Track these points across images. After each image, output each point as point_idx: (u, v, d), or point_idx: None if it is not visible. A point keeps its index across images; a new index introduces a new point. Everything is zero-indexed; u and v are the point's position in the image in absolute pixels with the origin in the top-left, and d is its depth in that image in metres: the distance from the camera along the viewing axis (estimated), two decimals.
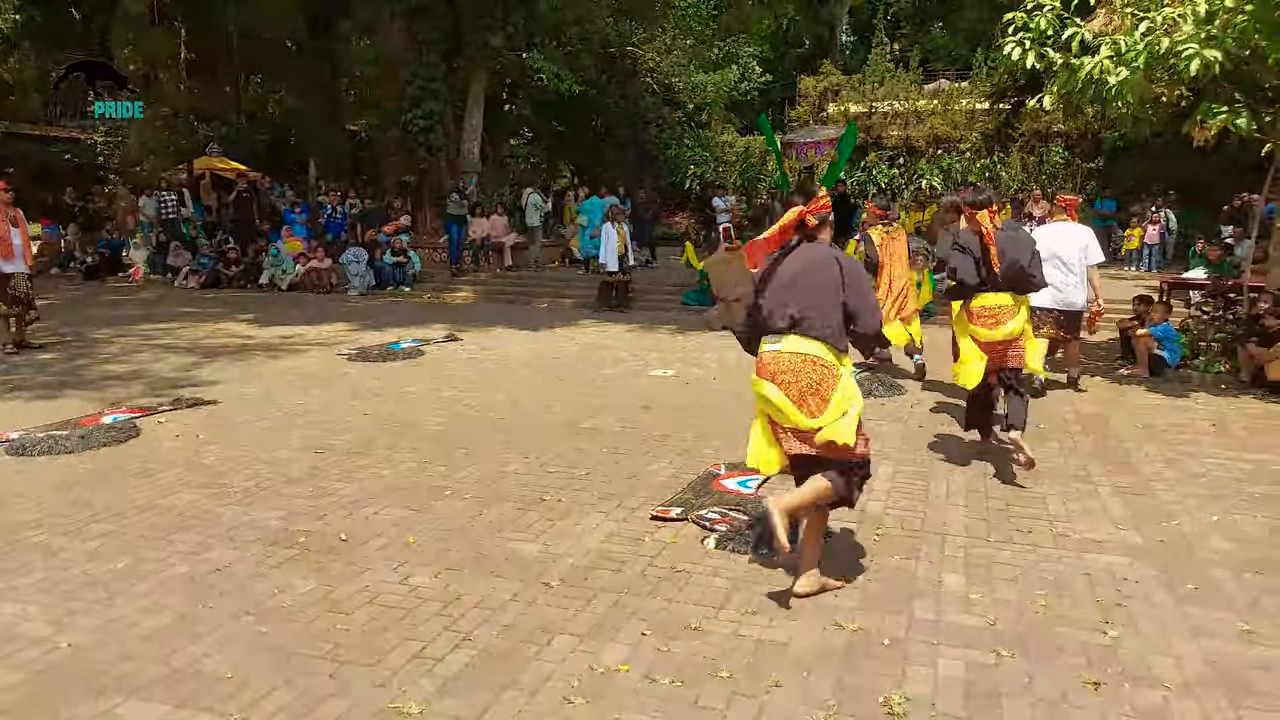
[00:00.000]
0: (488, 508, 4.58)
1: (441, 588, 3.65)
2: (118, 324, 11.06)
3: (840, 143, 14.12)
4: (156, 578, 3.72)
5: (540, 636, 3.24)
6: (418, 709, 2.78)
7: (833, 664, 3.05)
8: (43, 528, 4.28)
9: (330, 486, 4.91)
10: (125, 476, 5.08)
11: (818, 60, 29.64)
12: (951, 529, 4.29)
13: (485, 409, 6.74)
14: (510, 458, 5.46)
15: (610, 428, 6.20)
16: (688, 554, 3.99)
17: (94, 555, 3.96)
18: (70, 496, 4.73)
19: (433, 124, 16.13)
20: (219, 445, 5.72)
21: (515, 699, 2.84)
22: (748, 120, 28.74)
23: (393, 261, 14.94)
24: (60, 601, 3.51)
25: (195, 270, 15.51)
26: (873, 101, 23.77)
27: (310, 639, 3.21)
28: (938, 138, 23.04)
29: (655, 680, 2.94)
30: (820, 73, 25.53)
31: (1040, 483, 4.97)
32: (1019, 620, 3.36)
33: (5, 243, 8.94)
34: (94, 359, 8.78)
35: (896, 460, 5.43)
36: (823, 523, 3.65)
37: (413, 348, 9.39)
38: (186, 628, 3.29)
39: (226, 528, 4.28)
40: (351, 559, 3.93)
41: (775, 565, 3.73)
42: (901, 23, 36.21)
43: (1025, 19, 7.25)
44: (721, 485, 4.91)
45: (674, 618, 3.38)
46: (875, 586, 3.66)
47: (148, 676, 2.96)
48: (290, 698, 2.84)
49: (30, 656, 3.10)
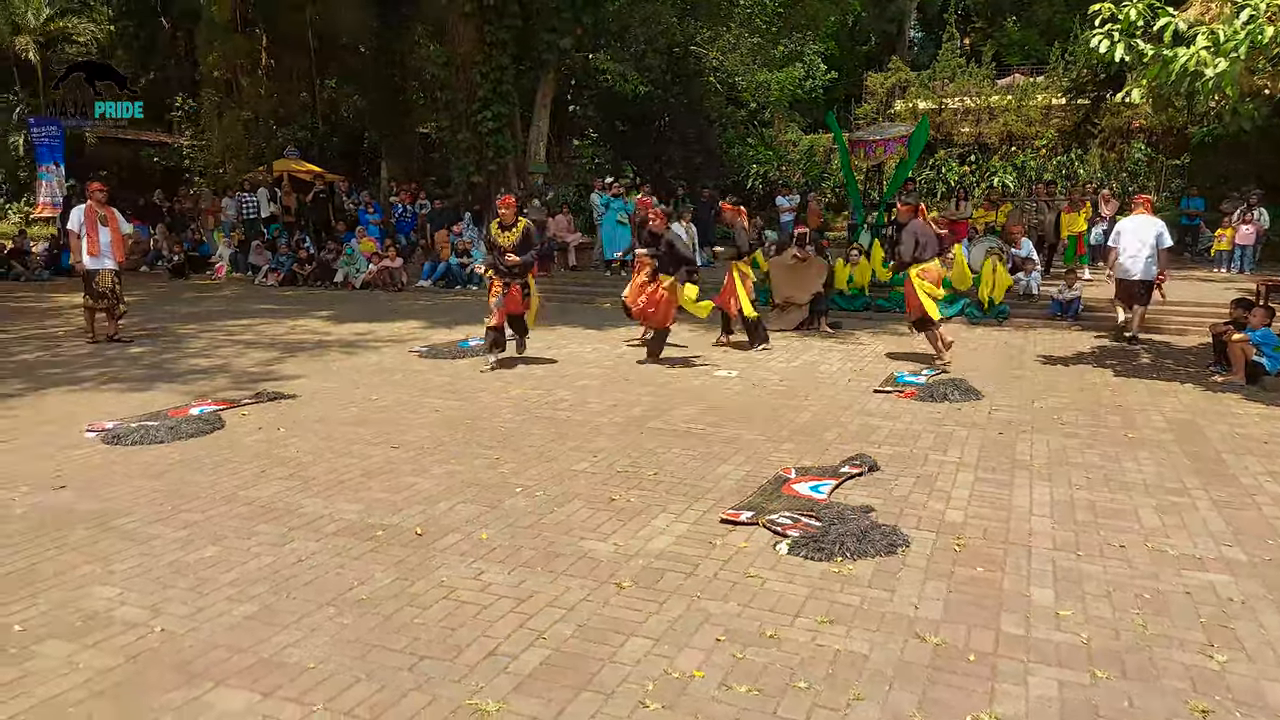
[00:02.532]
0: (558, 506, 4.59)
1: (515, 585, 3.67)
2: (202, 320, 11.47)
3: (910, 140, 13.82)
4: (242, 568, 3.83)
5: (614, 638, 3.23)
6: (495, 706, 2.79)
7: (916, 678, 2.96)
8: (135, 515, 4.45)
9: (405, 481, 4.99)
10: (211, 467, 5.24)
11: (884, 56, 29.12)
12: (1037, 540, 4.14)
13: (553, 407, 6.78)
14: (579, 457, 5.47)
15: (677, 428, 6.17)
16: (760, 559, 3.93)
17: (183, 544, 4.09)
18: (160, 485, 4.91)
19: (501, 125, 16.33)
20: (299, 438, 5.87)
21: (592, 701, 2.83)
22: (812, 118, 28.38)
23: (458, 261, 15.15)
24: (153, 588, 3.64)
25: (274, 268, 15.99)
26: (942, 98, 23.24)
27: (390, 632, 3.26)
28: (1011, 134, 22.40)
29: (731, 688, 2.90)
30: (888, 69, 25.07)
31: (1132, 494, 4.77)
32: (1115, 639, 3.21)
33: (93, 241, 9.37)
34: (181, 353, 9.12)
35: (976, 467, 5.27)
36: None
37: (480, 345, 9.48)
38: (271, 617, 3.37)
39: (308, 519, 4.38)
40: (427, 554, 3.98)
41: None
42: (973, 17, 35.32)
43: (1113, 10, 6.96)
44: (793, 490, 4.83)
45: (749, 624, 3.33)
46: (958, 598, 3.54)
47: (235, 665, 3.04)
48: (371, 690, 2.88)
49: (126, 641, 3.21)
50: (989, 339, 10.27)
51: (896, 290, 12.09)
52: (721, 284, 9.81)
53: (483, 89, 16.14)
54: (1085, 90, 18.95)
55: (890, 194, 14.50)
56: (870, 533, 4.12)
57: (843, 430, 6.10)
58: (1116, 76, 13.88)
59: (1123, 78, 11.48)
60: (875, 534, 4.11)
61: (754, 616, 3.39)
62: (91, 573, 3.78)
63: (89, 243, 9.36)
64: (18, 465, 5.27)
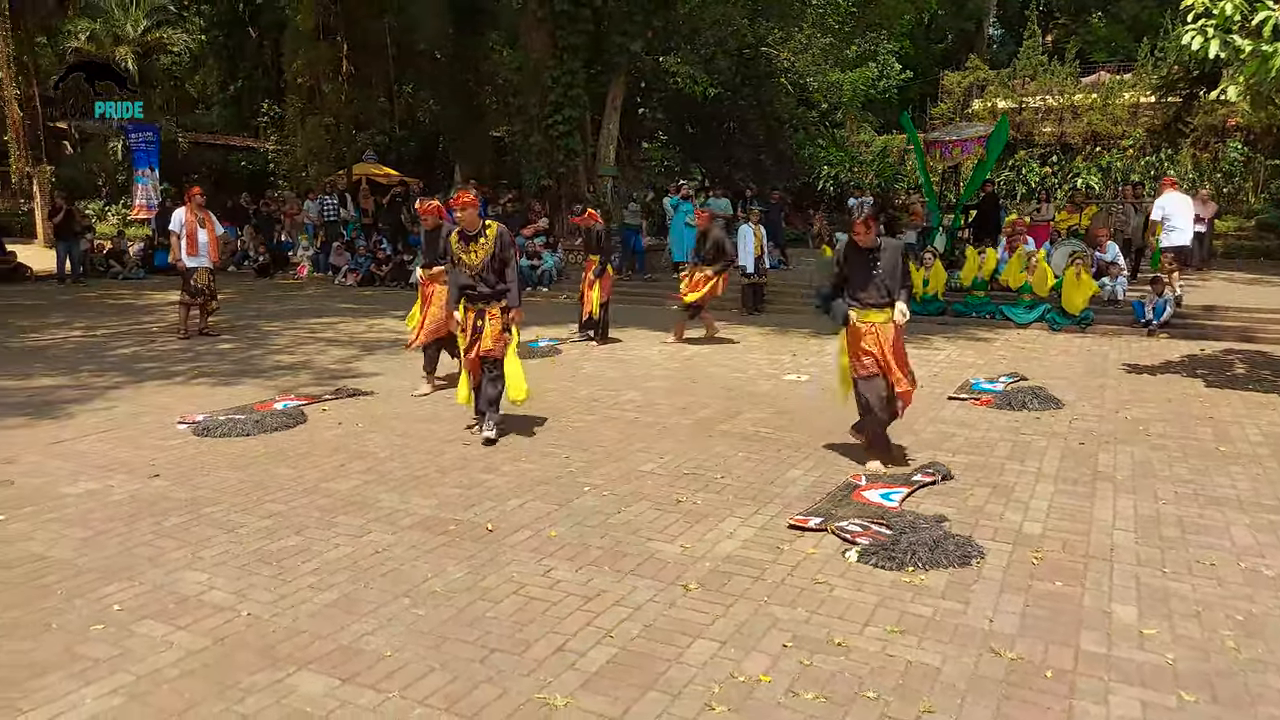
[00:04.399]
0: (625, 506, 4.63)
1: (583, 583, 3.72)
2: (285, 318, 11.91)
3: (989, 140, 13.49)
4: (322, 557, 3.97)
5: (680, 639, 3.24)
6: (563, 702, 2.83)
7: (990, 693, 2.89)
8: (222, 504, 4.65)
9: (478, 478, 5.09)
10: (294, 460, 5.45)
11: (962, 55, 28.45)
12: (1120, 555, 4.00)
13: (621, 409, 6.83)
14: (646, 458, 5.51)
15: (745, 432, 6.15)
16: (829, 565, 3.90)
17: (268, 533, 4.26)
18: (246, 476, 5.12)
19: (572, 129, 16.49)
20: (377, 434, 6.05)
21: (658, 700, 2.85)
22: (885, 119, 27.90)
23: (528, 264, 15.38)
24: (239, 574, 3.80)
25: (353, 269, 16.48)
26: (1023, 96, 22.59)
27: (462, 625, 3.34)
28: (1095, 134, 21.65)
29: (798, 694, 2.88)
30: (966, 68, 24.49)
31: (1224, 510, 4.56)
32: (1204, 661, 3.08)
33: (192, 240, 9.87)
34: (266, 349, 9.49)
35: (1055, 478, 5.11)
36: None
37: (549, 346, 9.63)
38: (350, 606, 3.49)
39: (385, 512, 4.52)
40: (498, 549, 4.06)
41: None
42: (1056, 13, 34.22)
43: (1207, 5, 6.68)
44: (863, 497, 4.77)
45: (817, 631, 3.30)
46: (1036, 613, 3.45)
47: (316, 650, 3.16)
48: (444, 680, 2.96)
49: (214, 624, 3.36)
50: (1071, 346, 9.95)
51: (974, 295, 11.82)
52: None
53: (554, 93, 16.34)
54: (1176, 88, 18.18)
55: (967, 196, 14.15)
56: (943, 543, 4.04)
57: (916, 437, 5.99)
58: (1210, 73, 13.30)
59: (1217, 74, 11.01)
60: (948, 544, 4.03)
61: (822, 623, 3.36)
62: (183, 558, 3.97)
63: (188, 243, 9.87)
64: (117, 454, 5.57)
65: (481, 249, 5.61)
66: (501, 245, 5.63)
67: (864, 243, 5.22)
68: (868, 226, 5.13)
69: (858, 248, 5.25)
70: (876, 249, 5.22)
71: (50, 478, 5.08)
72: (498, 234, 5.66)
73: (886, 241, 5.29)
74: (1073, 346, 9.90)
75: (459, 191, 5.73)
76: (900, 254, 5.30)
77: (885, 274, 5.20)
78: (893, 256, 5.23)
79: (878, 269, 5.19)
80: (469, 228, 5.64)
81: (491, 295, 5.67)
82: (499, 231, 5.68)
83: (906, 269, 5.34)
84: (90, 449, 5.68)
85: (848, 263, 5.30)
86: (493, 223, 5.76)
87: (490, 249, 5.60)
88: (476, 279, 5.64)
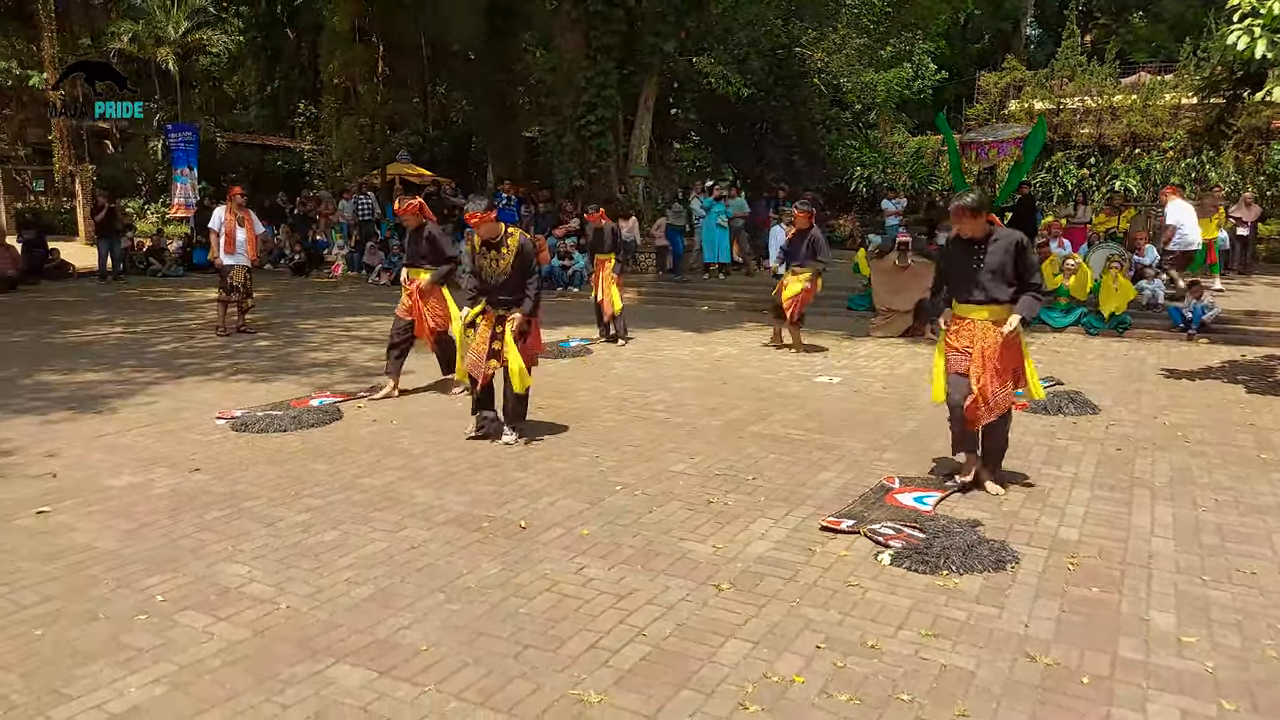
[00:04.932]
0: (657, 506, 4.65)
1: (615, 581, 3.74)
2: (321, 316, 12.08)
3: (1026, 142, 13.32)
4: (359, 552, 4.03)
5: (712, 639, 3.25)
6: (597, 699, 2.86)
7: (1026, 698, 2.87)
8: (261, 498, 4.74)
9: (510, 475, 5.14)
10: (330, 455, 5.54)
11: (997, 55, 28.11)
12: (1158, 562, 3.94)
13: (650, 409, 6.85)
14: (676, 458, 5.52)
15: (775, 434, 6.14)
16: (861, 568, 3.89)
17: (305, 527, 4.34)
18: (284, 471, 5.21)
19: (604, 129, 16.55)
20: (411, 431, 6.13)
21: (691, 699, 2.86)
22: (919, 119, 27.67)
23: (559, 264, 15.46)
24: (277, 567, 3.87)
25: (386, 268, 16.67)
26: (1060, 97, 22.24)
27: (496, 621, 3.38)
28: (1135, 136, 21.26)
29: (832, 695, 2.88)
30: (1002, 68, 24.18)
31: (1266, 518, 4.48)
32: (1244, 670, 3.03)
33: (230, 239, 10.05)
34: (303, 347, 9.64)
35: (1092, 484, 5.05)
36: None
37: (580, 346, 9.67)
38: (387, 600, 3.55)
39: (420, 508, 4.58)
40: (531, 546, 4.10)
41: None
42: (1096, 13, 33.71)
43: (1254, 4, 6.55)
44: (895, 500, 4.74)
45: (850, 633, 3.30)
46: (1071, 618, 3.41)
47: (354, 644, 3.21)
48: (479, 675, 3.00)
49: (254, 615, 3.43)
50: (1108, 350, 9.80)
51: None
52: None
53: (587, 93, 16.40)
54: (1220, 89, 17.79)
55: (1003, 198, 13.99)
56: (977, 547, 4.01)
57: (949, 441, 5.93)
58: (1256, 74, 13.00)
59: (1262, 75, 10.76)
60: (982, 549, 4.00)
61: (855, 625, 3.35)
62: (224, 550, 4.05)
63: (226, 241, 10.05)
64: (158, 448, 5.69)
65: (504, 258, 5.57)
66: (524, 255, 5.59)
67: (969, 233, 4.69)
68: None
69: (961, 240, 4.78)
70: (986, 240, 4.69)
71: (94, 471, 5.21)
72: (520, 243, 5.61)
73: (1001, 232, 4.74)
74: (1109, 351, 9.75)
75: (469, 212, 5.54)
76: (1016, 248, 4.64)
77: (990, 270, 4.65)
78: (1002, 252, 4.64)
79: (982, 264, 4.67)
80: (490, 237, 5.59)
81: (514, 302, 5.66)
82: (521, 241, 5.63)
83: (1031, 265, 4.69)
84: (132, 443, 5.81)
85: (948, 255, 4.90)
86: (515, 231, 5.71)
87: (513, 258, 5.56)
88: (499, 287, 5.62)
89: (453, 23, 20.34)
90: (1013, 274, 4.68)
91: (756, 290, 13.49)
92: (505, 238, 5.60)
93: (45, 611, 3.44)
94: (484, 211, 5.53)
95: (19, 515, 4.47)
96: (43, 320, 11.50)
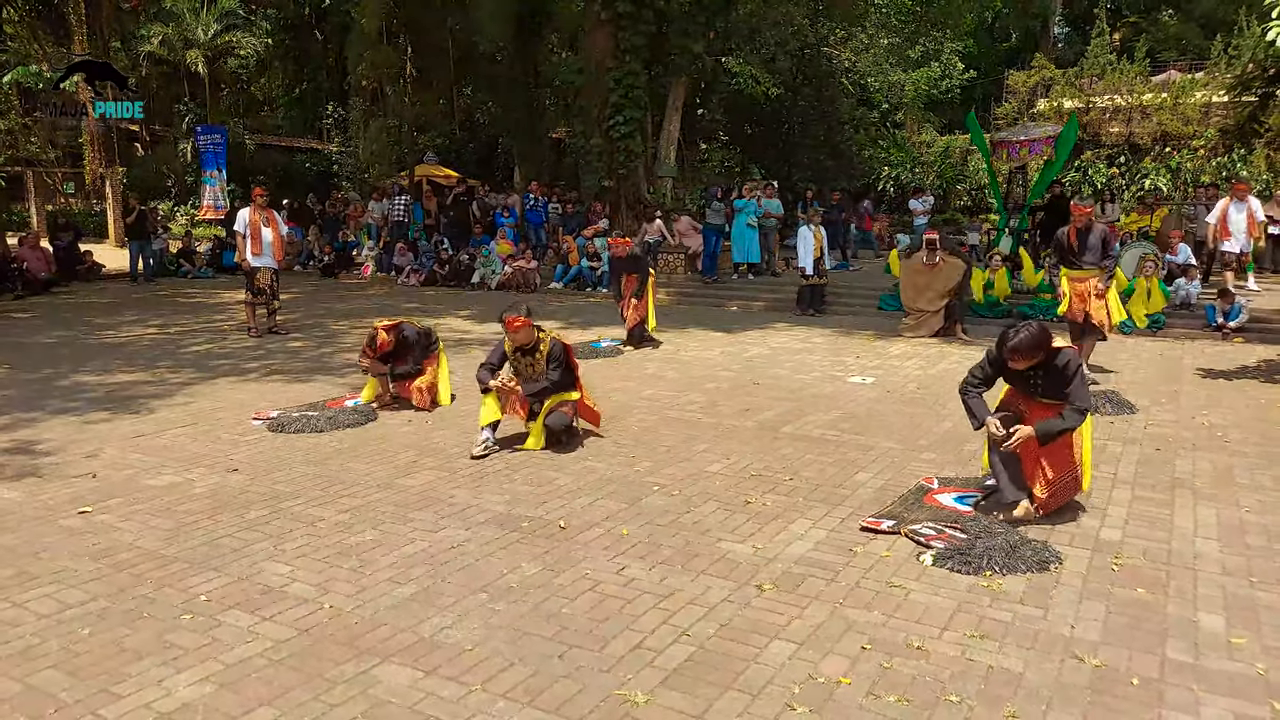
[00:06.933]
0: (694, 507, 4.65)
1: (656, 581, 3.74)
2: (352, 316, 12.18)
3: (1058, 140, 13.16)
4: (399, 551, 4.06)
5: (756, 639, 3.24)
6: (644, 699, 2.86)
7: (1075, 700, 2.84)
8: (300, 498, 4.79)
9: (546, 475, 5.16)
10: (367, 456, 5.58)
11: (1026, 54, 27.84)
12: (1204, 564, 3.88)
13: (684, 410, 6.84)
14: (712, 459, 5.51)
15: (810, 434, 6.11)
16: (904, 569, 3.86)
17: (345, 527, 4.37)
18: (322, 471, 5.26)
19: (632, 130, 16.54)
20: (446, 430, 6.17)
21: (738, 699, 2.85)
22: (948, 119, 27.46)
23: (588, 265, 15.49)
24: (320, 567, 3.91)
25: (415, 269, 16.79)
26: (1090, 96, 21.98)
27: (539, 620, 3.39)
28: (1165, 134, 20.97)
29: (879, 696, 2.87)
30: (1031, 67, 23.94)
31: None
32: None
33: (256, 240, 10.14)
34: (336, 347, 9.73)
35: (1134, 485, 4.98)
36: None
37: (611, 347, 9.68)
38: (430, 600, 3.57)
39: (458, 508, 4.60)
40: (570, 546, 4.11)
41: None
42: (1125, 10, 33.27)
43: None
44: (935, 500, 4.71)
45: (894, 634, 3.27)
46: (1118, 620, 3.37)
47: (399, 643, 3.23)
48: (525, 674, 3.01)
49: (298, 615, 3.46)
50: (1143, 350, 9.66)
51: (1041, 298, 11.55)
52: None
53: (615, 94, 16.40)
54: (1252, 86, 17.50)
55: (1034, 197, 13.84)
56: (1020, 548, 3.97)
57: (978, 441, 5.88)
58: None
59: None
60: (1025, 549, 3.96)
61: (899, 626, 3.33)
62: (266, 550, 4.09)
63: (252, 243, 10.14)
64: (196, 448, 5.77)
65: (538, 363, 5.77)
66: (554, 358, 5.72)
67: (1025, 368, 4.43)
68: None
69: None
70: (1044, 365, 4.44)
71: (134, 470, 5.28)
72: (551, 347, 5.74)
73: (1060, 359, 4.43)
74: (1145, 350, 9.62)
75: (508, 317, 5.66)
76: (1066, 367, 4.37)
77: (1045, 396, 4.48)
78: (1059, 373, 4.40)
79: (1039, 389, 4.51)
80: (525, 343, 5.76)
81: (550, 391, 5.77)
82: (553, 345, 5.75)
83: (1076, 388, 4.33)
84: (170, 443, 5.89)
85: (1008, 373, 4.61)
86: (546, 335, 5.82)
87: (545, 362, 5.74)
88: (535, 386, 5.75)
89: (481, 24, 20.48)
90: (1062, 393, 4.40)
91: (785, 291, 13.44)
92: (538, 343, 5.76)
93: (91, 610, 3.49)
94: (525, 317, 5.65)
95: (62, 515, 4.54)
96: (77, 321, 11.69)
